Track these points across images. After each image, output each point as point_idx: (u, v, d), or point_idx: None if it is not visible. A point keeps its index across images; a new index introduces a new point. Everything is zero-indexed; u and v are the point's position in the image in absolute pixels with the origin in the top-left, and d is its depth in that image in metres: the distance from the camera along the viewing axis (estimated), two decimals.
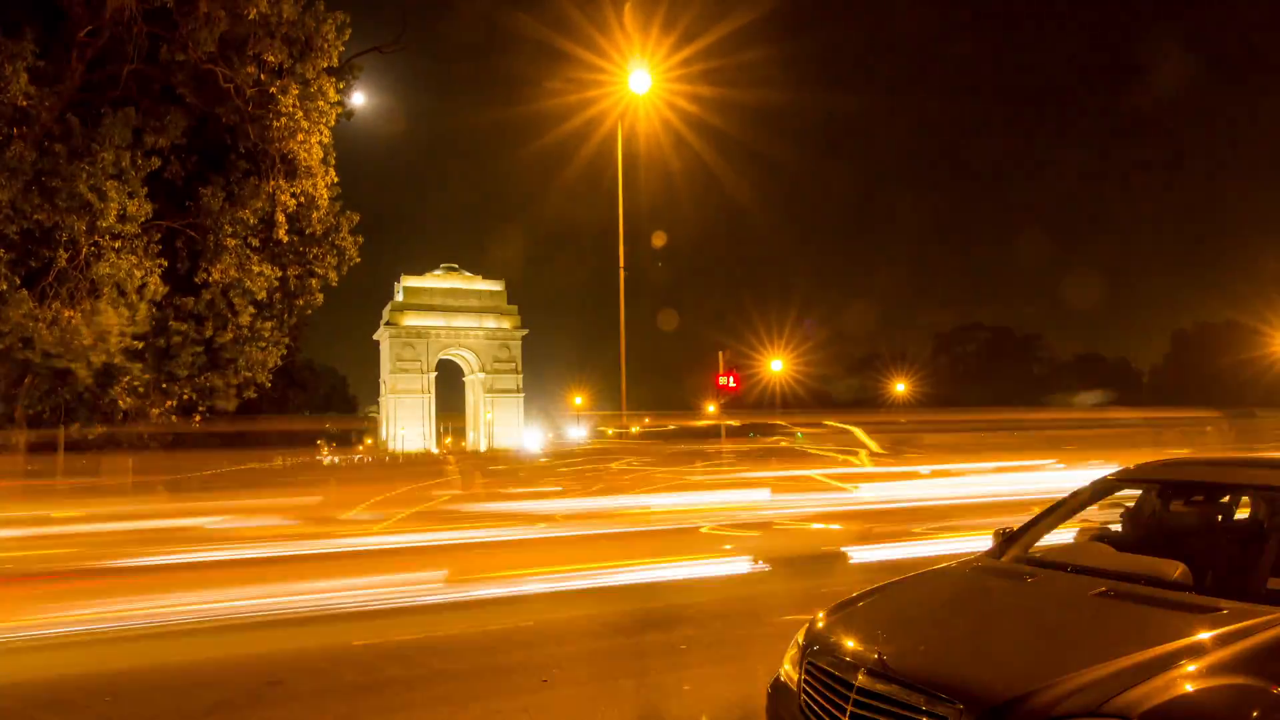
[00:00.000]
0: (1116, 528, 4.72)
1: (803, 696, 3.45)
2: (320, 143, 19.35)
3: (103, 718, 5.59)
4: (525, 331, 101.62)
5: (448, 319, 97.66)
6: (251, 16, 17.50)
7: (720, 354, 29.56)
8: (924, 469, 24.01)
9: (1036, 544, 4.46)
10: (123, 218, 17.12)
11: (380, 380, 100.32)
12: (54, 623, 7.76)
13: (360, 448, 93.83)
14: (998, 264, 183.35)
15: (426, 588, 9.42)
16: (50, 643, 7.29)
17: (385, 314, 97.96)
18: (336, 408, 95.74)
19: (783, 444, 36.43)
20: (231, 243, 18.96)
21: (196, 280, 19.50)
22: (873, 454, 28.09)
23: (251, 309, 20.15)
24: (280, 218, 19.11)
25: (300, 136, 18.75)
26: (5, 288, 16.43)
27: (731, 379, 29.38)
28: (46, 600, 8.70)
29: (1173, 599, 3.37)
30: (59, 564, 10.77)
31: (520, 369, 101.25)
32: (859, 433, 31.40)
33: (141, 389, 19.77)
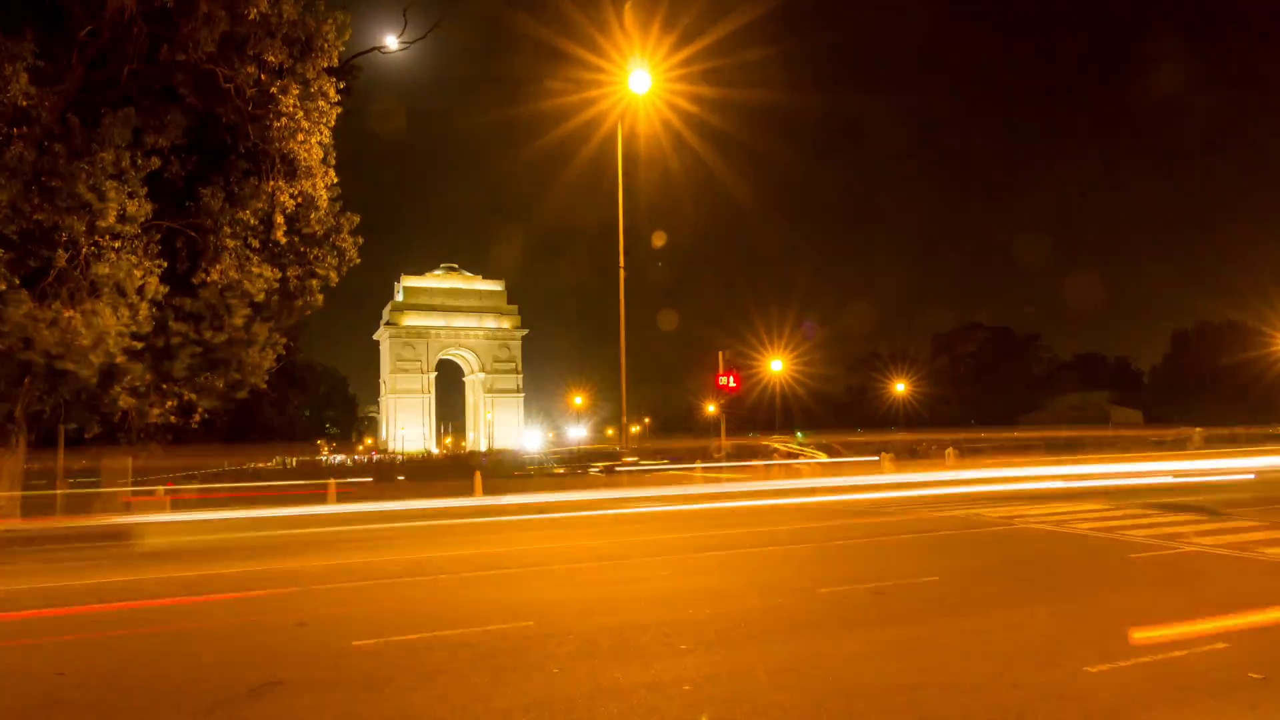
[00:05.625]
0: None
1: None
2: (320, 143, 19.29)
3: None
4: (525, 331, 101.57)
5: (448, 319, 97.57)
6: (252, 16, 17.46)
7: (720, 354, 29.59)
8: None
9: None
10: (123, 218, 17.06)
11: (380, 380, 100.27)
12: None
13: (361, 447, 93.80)
14: (998, 264, 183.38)
15: None
16: None
17: (385, 314, 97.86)
18: (336, 407, 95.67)
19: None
20: (231, 243, 18.89)
21: (195, 281, 19.43)
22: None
23: (247, 310, 20.05)
24: (280, 218, 19.04)
25: (300, 136, 18.69)
26: (5, 288, 16.36)
27: (731, 379, 29.40)
28: None
29: None
30: None
31: (520, 369, 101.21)
32: None
33: (142, 389, 19.72)
